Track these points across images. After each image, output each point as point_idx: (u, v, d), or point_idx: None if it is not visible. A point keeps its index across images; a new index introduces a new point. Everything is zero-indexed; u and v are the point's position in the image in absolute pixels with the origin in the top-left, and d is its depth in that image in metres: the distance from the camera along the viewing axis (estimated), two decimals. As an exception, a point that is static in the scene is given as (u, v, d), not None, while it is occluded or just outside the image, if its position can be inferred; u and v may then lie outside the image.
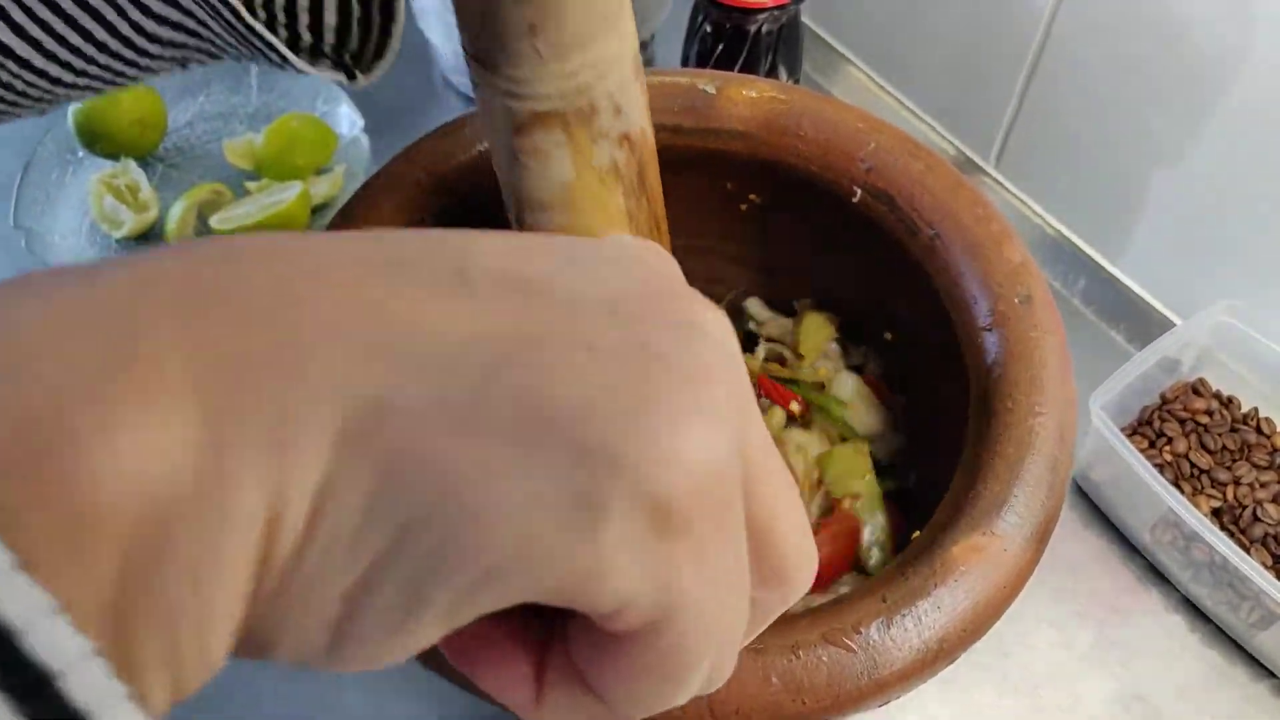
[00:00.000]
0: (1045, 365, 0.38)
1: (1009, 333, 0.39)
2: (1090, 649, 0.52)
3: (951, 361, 0.41)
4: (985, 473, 0.35)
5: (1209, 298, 0.58)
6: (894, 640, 0.31)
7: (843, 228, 0.47)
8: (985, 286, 0.40)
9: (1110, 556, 0.56)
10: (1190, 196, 0.60)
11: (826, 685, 0.30)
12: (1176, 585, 0.54)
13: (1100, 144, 0.64)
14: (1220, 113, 0.56)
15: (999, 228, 0.42)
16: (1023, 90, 0.67)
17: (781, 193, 0.48)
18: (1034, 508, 0.34)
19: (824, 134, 0.45)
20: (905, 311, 0.47)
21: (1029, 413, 0.36)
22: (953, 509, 0.35)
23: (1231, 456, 0.55)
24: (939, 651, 0.32)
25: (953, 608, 0.32)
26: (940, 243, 0.42)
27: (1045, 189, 0.70)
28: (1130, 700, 0.51)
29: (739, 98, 0.46)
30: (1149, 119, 0.60)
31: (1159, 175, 0.61)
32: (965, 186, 0.43)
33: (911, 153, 0.44)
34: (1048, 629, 0.53)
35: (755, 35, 0.58)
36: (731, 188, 0.48)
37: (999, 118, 0.70)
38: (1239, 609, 0.51)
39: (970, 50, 0.69)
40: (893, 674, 0.31)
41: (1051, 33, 0.63)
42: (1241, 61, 0.54)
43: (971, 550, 0.33)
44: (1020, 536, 0.34)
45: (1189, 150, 0.59)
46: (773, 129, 0.46)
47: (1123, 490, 0.55)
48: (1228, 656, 0.52)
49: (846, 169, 0.45)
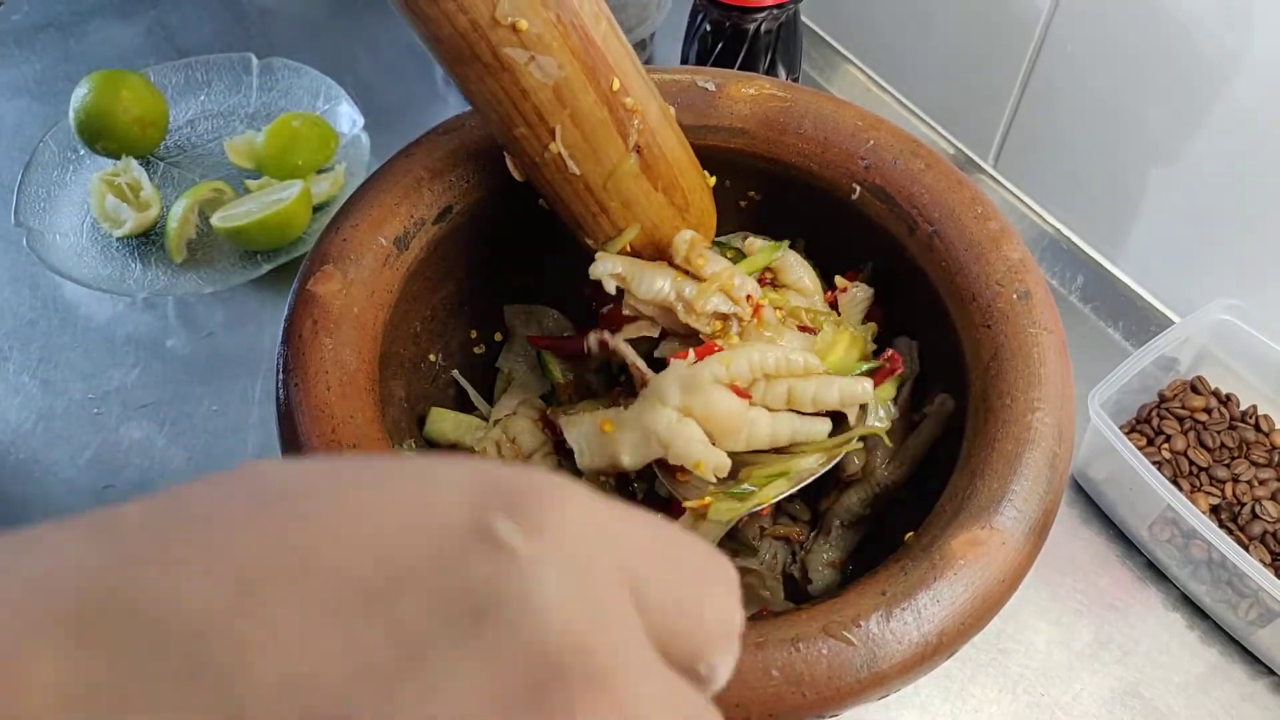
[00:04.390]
0: (1044, 362, 0.38)
1: (1007, 330, 0.39)
2: (1089, 646, 0.52)
3: (950, 358, 0.41)
4: (984, 468, 0.35)
5: (1207, 296, 0.58)
6: (894, 633, 0.31)
7: (841, 225, 0.47)
8: (984, 284, 0.41)
9: (1109, 554, 0.56)
10: (1188, 195, 0.61)
11: (826, 678, 0.30)
12: (1175, 582, 0.54)
13: (1098, 143, 0.64)
14: (1218, 112, 0.57)
15: (998, 225, 0.42)
16: (1021, 89, 0.67)
17: (780, 190, 0.48)
18: (1033, 502, 0.35)
19: (823, 131, 0.45)
20: (904, 309, 0.47)
21: (1027, 409, 0.37)
22: (952, 503, 0.35)
23: (1230, 454, 0.56)
24: (938, 645, 0.32)
25: (952, 601, 0.32)
26: (939, 240, 0.42)
27: (1044, 187, 0.70)
28: (1128, 697, 0.51)
29: (738, 95, 0.46)
30: (1147, 118, 0.60)
31: (1157, 174, 0.62)
32: (964, 184, 0.43)
33: (911, 151, 0.44)
34: (1046, 626, 0.53)
35: (754, 34, 0.59)
36: (730, 185, 0.49)
37: (997, 117, 0.70)
38: (1237, 606, 0.51)
39: (969, 49, 0.70)
40: (892, 667, 0.31)
41: (1049, 32, 0.63)
42: (1239, 61, 0.54)
43: (971, 544, 0.33)
44: (1019, 531, 0.34)
45: (1187, 149, 0.59)
46: (772, 126, 0.46)
47: (1121, 488, 0.55)
48: (1226, 653, 0.52)
49: (845, 166, 0.45)
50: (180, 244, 0.66)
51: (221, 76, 0.76)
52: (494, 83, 0.36)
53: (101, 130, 0.68)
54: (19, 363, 0.63)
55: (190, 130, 0.75)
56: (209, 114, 0.76)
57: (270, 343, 0.63)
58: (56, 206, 0.69)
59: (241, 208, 0.66)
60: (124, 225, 0.67)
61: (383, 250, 0.42)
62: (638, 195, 0.41)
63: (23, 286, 0.67)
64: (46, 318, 0.65)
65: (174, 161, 0.73)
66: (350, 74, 0.76)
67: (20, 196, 0.68)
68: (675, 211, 0.43)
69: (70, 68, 0.79)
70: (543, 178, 0.40)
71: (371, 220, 0.42)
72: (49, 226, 0.67)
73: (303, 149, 0.69)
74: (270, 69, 0.76)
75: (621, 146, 0.40)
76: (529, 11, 0.35)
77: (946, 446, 0.40)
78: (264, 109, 0.75)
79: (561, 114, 0.38)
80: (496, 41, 0.35)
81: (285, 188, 0.66)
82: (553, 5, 0.35)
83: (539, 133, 0.38)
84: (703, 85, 0.46)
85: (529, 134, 0.38)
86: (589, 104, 0.38)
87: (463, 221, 0.45)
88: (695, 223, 0.44)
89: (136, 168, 0.69)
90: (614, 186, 0.41)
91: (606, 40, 0.38)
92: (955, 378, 0.41)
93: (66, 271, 0.64)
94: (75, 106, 0.68)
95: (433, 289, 0.46)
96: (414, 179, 0.44)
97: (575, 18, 0.36)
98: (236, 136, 0.73)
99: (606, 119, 0.39)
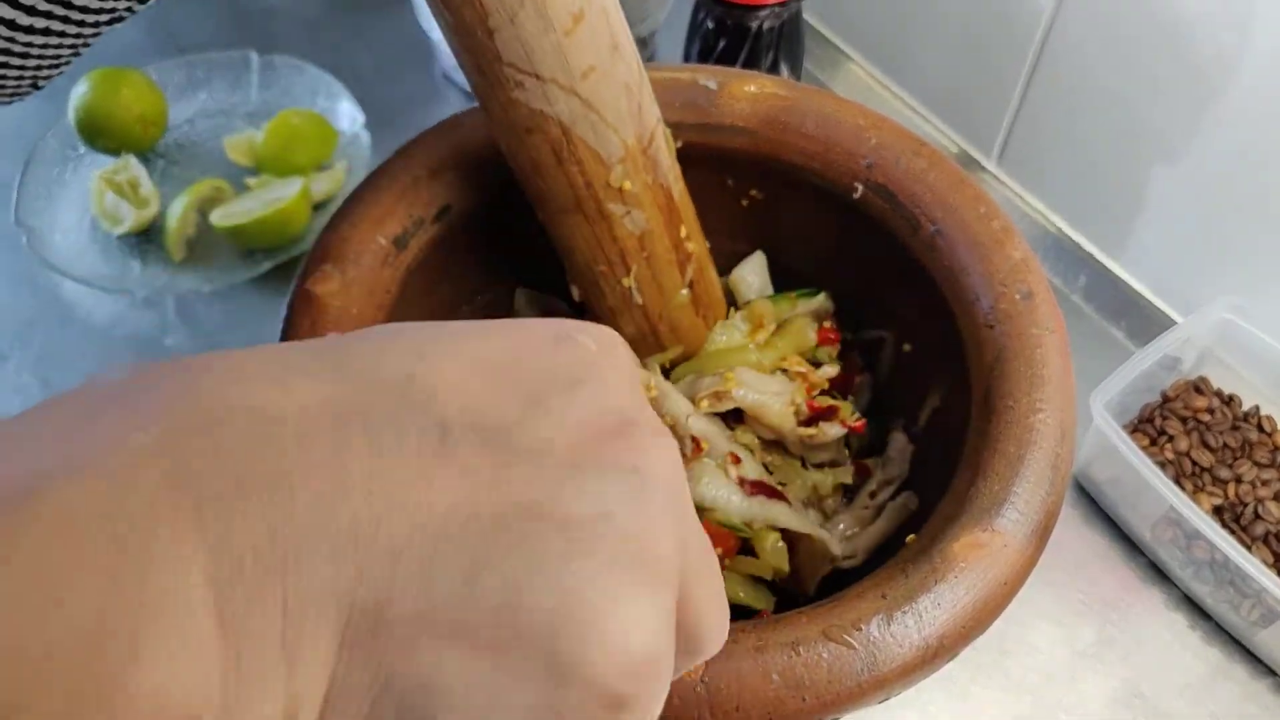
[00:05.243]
0: (1046, 362, 0.38)
1: (1010, 329, 0.39)
2: (1091, 646, 0.52)
3: (952, 358, 0.41)
4: (986, 469, 0.35)
5: (1210, 295, 0.58)
6: (894, 637, 0.31)
7: (844, 224, 0.47)
8: (986, 283, 0.40)
9: (1111, 554, 0.56)
10: (1192, 194, 0.60)
11: (827, 682, 0.30)
12: (1177, 583, 0.54)
13: (1102, 141, 0.64)
14: (1222, 110, 0.56)
15: (1000, 224, 0.42)
16: (1024, 87, 0.67)
17: (782, 189, 0.48)
18: (1035, 504, 0.34)
19: (825, 130, 0.45)
20: (906, 308, 0.46)
21: (1030, 410, 0.36)
22: (954, 505, 0.35)
23: (1233, 454, 0.55)
24: (939, 648, 0.31)
25: (953, 604, 0.32)
26: (942, 239, 0.42)
27: (1047, 186, 0.70)
28: (1131, 698, 0.51)
29: (740, 94, 0.46)
30: (1151, 116, 0.60)
31: (1160, 172, 0.61)
32: (967, 183, 0.43)
33: (913, 149, 0.44)
34: (1049, 626, 0.53)
35: (757, 32, 0.58)
36: (732, 184, 0.48)
37: (1001, 115, 0.69)
38: (1240, 607, 0.51)
39: (972, 47, 0.69)
40: (893, 670, 0.31)
41: (1053, 30, 0.63)
42: (1243, 58, 0.54)
43: (972, 546, 0.33)
44: (1021, 533, 0.34)
45: (1191, 147, 0.59)
46: (774, 125, 0.46)
47: (1124, 488, 0.55)
48: (1228, 654, 0.52)
49: (848, 165, 0.45)
50: (180, 242, 0.66)
51: (222, 74, 0.76)
52: (589, 230, 0.41)
53: (101, 128, 0.68)
54: (19, 361, 0.63)
55: (190, 128, 0.75)
56: (209, 111, 0.75)
57: (270, 341, 0.63)
58: (56, 204, 0.68)
59: (241, 206, 0.66)
60: (124, 223, 0.67)
61: (381, 250, 0.41)
62: (685, 323, 0.46)
63: (22, 285, 0.67)
64: (46, 316, 0.65)
65: (174, 159, 0.73)
66: (351, 71, 0.75)
67: (20, 194, 0.67)
68: (704, 325, 0.47)
69: (70, 65, 0.79)
70: (607, 307, 0.45)
71: (370, 219, 0.42)
72: (49, 224, 0.67)
73: (303, 147, 0.69)
74: (271, 66, 0.76)
75: (680, 282, 0.44)
76: (634, 176, 0.40)
77: (947, 448, 0.40)
78: (264, 106, 0.75)
79: (640, 256, 0.42)
80: (603, 199, 0.40)
81: (285, 185, 0.66)
82: (650, 170, 0.40)
83: (617, 271, 0.43)
84: (705, 83, 0.46)
85: (609, 271, 0.43)
86: (664, 249, 0.43)
87: (461, 221, 0.45)
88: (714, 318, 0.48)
89: (136, 165, 0.69)
90: (667, 316, 0.45)
91: (682, 197, 0.43)
92: (957, 378, 0.41)
93: (66, 270, 0.64)
94: (75, 104, 0.68)
95: (431, 288, 0.46)
96: (413, 178, 0.43)
97: (664, 180, 0.41)
98: (236, 134, 0.73)
99: (673, 261, 0.43)
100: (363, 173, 0.67)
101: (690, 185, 0.45)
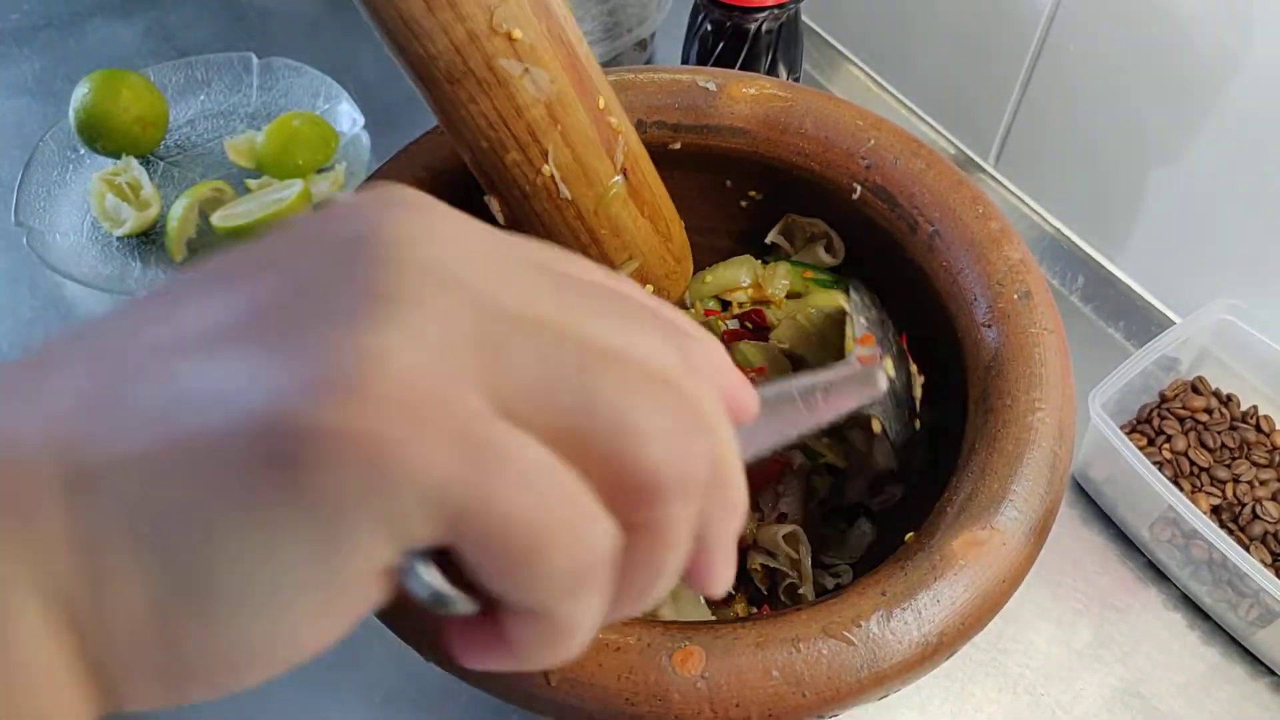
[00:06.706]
0: (1044, 362, 0.38)
1: (1008, 329, 0.39)
2: (1089, 646, 0.52)
3: (951, 358, 0.41)
4: (985, 468, 0.35)
5: (1208, 296, 0.58)
6: (894, 633, 0.31)
7: (842, 225, 0.47)
8: (984, 284, 0.41)
9: (1109, 554, 0.56)
10: (1189, 195, 0.61)
11: (827, 678, 0.30)
12: (1176, 583, 0.54)
13: (1099, 143, 0.64)
14: (1219, 112, 0.57)
15: (998, 225, 0.42)
16: (1022, 89, 0.67)
17: (781, 190, 0.48)
18: (1033, 503, 0.34)
19: (824, 131, 0.45)
20: (904, 308, 0.47)
21: (1028, 409, 0.37)
22: (952, 504, 0.35)
23: (1231, 454, 0.56)
24: (938, 645, 0.32)
25: (952, 601, 0.32)
26: (940, 240, 0.42)
27: (1044, 187, 0.70)
28: (1129, 697, 0.51)
29: (739, 95, 0.46)
30: (1148, 118, 0.60)
31: (1158, 174, 0.62)
32: (965, 184, 0.43)
33: (912, 150, 0.44)
34: (1047, 626, 0.53)
35: (755, 34, 0.59)
36: (731, 185, 0.49)
37: (998, 117, 0.70)
38: (1238, 606, 0.51)
39: (970, 49, 0.70)
40: (892, 667, 0.31)
41: (1051, 32, 0.63)
42: (1240, 61, 0.54)
43: (971, 544, 0.33)
44: (1019, 531, 0.34)
45: (1188, 149, 0.59)
46: (773, 126, 0.46)
47: (1122, 488, 0.55)
48: (1226, 654, 0.52)
49: (846, 166, 0.45)
50: (180, 243, 0.66)
51: (221, 76, 0.76)
52: (487, 102, 0.36)
53: (102, 130, 0.68)
54: (19, 362, 0.63)
55: (190, 129, 0.75)
56: (209, 113, 0.76)
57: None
58: (56, 206, 0.69)
59: (241, 207, 0.66)
60: (124, 225, 0.67)
61: (382, 249, 0.41)
62: (626, 221, 0.42)
63: (23, 286, 0.67)
64: (46, 318, 0.65)
65: (174, 161, 0.73)
66: (350, 73, 0.75)
67: (20, 196, 0.67)
68: (660, 241, 0.43)
69: (70, 67, 0.79)
70: (532, 210, 0.40)
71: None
72: (49, 226, 0.67)
73: (303, 148, 0.69)
74: (270, 68, 0.76)
75: (610, 167, 0.40)
76: (523, 21, 0.35)
77: (947, 447, 0.40)
78: (264, 108, 0.75)
79: (554, 132, 0.38)
80: (491, 52, 0.35)
81: (285, 187, 0.66)
82: (543, 16, 0.35)
83: (531, 155, 0.38)
84: (704, 85, 0.46)
85: (521, 159, 0.38)
86: (580, 121, 0.38)
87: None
88: (678, 254, 0.44)
89: (136, 167, 0.69)
90: (604, 212, 0.41)
91: (589, 59, 0.38)
92: (956, 378, 0.41)
93: (66, 271, 0.64)
94: (75, 106, 0.68)
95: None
96: (413, 178, 0.44)
97: (563, 32, 0.36)
98: (237, 136, 0.73)
99: (595, 139, 0.39)
100: (362, 174, 0.68)
101: (690, 186, 0.45)
